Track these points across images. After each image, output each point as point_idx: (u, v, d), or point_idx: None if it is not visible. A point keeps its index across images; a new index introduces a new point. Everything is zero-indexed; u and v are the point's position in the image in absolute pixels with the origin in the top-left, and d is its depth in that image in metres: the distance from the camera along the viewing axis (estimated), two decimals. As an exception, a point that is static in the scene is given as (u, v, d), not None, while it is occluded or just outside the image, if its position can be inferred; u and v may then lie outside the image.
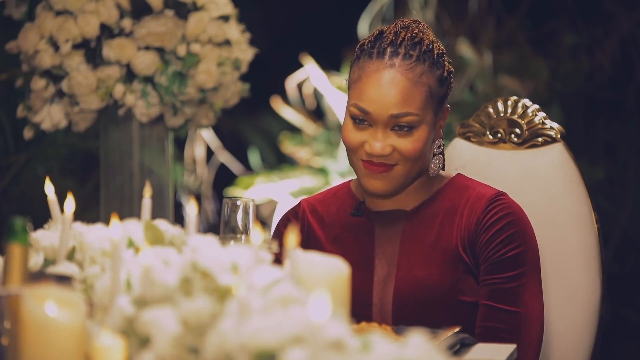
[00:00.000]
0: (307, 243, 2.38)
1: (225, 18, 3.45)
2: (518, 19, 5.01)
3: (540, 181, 2.55)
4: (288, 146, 5.05)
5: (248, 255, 1.51)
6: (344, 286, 1.60)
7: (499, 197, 2.30)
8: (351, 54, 5.02)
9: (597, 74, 4.80)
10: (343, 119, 2.33)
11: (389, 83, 2.25)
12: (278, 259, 2.17)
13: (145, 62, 3.34)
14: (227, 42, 3.45)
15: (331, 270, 1.59)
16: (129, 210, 3.44)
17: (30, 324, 1.35)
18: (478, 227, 2.28)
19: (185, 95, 3.40)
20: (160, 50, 3.37)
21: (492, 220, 2.27)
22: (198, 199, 5.28)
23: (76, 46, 3.35)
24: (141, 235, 1.76)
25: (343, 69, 4.94)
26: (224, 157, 5.39)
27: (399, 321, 2.26)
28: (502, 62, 4.93)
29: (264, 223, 4.89)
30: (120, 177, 3.48)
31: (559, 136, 2.56)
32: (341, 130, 2.32)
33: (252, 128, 5.49)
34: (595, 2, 4.83)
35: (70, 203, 1.76)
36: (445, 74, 2.31)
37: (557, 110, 4.68)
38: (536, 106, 2.60)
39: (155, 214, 2.23)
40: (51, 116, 3.40)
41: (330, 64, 4.98)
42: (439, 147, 2.33)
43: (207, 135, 5.33)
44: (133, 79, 3.37)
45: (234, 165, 5.40)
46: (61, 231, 1.76)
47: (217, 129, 5.26)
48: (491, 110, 2.62)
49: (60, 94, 3.39)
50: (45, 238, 1.80)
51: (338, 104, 4.90)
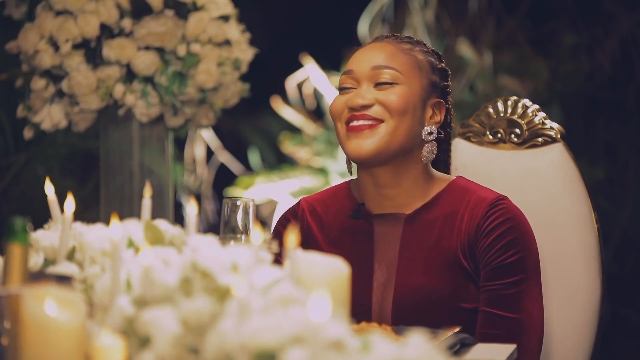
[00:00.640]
0: (306, 244, 2.37)
1: (225, 18, 3.45)
2: (518, 19, 5.01)
3: (540, 181, 2.55)
4: (288, 146, 5.05)
5: (248, 255, 1.51)
6: (344, 286, 1.60)
7: (500, 202, 2.29)
8: (351, 54, 5.03)
9: (597, 74, 4.80)
10: None
11: (375, 47, 2.34)
12: (277, 259, 2.17)
13: (145, 62, 3.34)
14: (227, 42, 3.45)
15: (331, 270, 1.59)
16: (129, 210, 3.44)
17: (30, 324, 1.35)
18: (478, 233, 2.27)
19: (185, 95, 3.40)
20: (160, 50, 3.37)
21: (492, 225, 2.26)
22: (198, 199, 5.28)
23: (76, 46, 3.35)
24: (141, 235, 1.76)
25: (343, 69, 4.94)
26: (224, 157, 5.39)
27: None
28: (502, 62, 4.93)
29: (264, 223, 4.89)
30: (120, 177, 3.48)
31: (559, 136, 2.56)
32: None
33: (252, 128, 5.50)
34: (595, 2, 4.83)
35: (70, 203, 1.76)
36: (438, 66, 2.36)
37: (557, 110, 4.68)
38: (536, 106, 2.60)
39: (155, 214, 2.23)
40: (51, 116, 3.40)
41: (330, 64, 4.98)
42: (430, 134, 2.31)
43: (207, 135, 5.33)
44: (133, 79, 3.37)
45: (234, 165, 5.40)
46: (61, 231, 1.76)
47: (217, 129, 5.27)
48: (491, 110, 2.62)
49: (60, 94, 3.39)
50: (45, 238, 1.80)
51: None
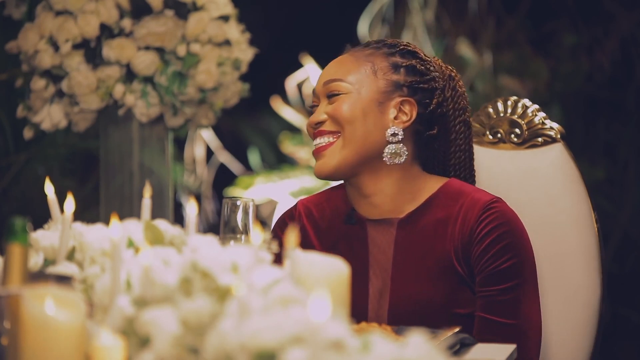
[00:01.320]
0: (302, 247, 2.37)
1: (225, 18, 3.45)
2: (518, 19, 5.01)
3: (540, 181, 2.55)
4: (288, 146, 5.05)
5: (248, 255, 1.51)
6: (344, 286, 1.60)
7: (493, 205, 2.27)
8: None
9: (597, 74, 4.80)
10: None
11: (334, 62, 2.36)
12: (276, 261, 2.17)
13: (145, 62, 3.34)
14: (227, 42, 3.45)
15: (331, 270, 1.59)
16: (129, 210, 3.44)
17: (30, 324, 1.35)
18: (472, 237, 2.25)
19: (185, 95, 3.40)
20: (160, 50, 3.37)
21: (486, 230, 2.24)
22: (198, 199, 5.28)
23: (76, 46, 3.35)
24: (141, 235, 1.76)
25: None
26: (224, 157, 5.39)
27: None
28: (502, 62, 4.93)
29: (264, 223, 4.89)
30: (120, 177, 3.48)
31: (559, 136, 2.56)
32: None
33: (252, 128, 5.50)
34: (595, 2, 4.83)
35: (70, 203, 1.76)
36: (404, 64, 2.33)
37: (557, 110, 4.68)
38: (536, 106, 2.60)
39: (155, 214, 2.23)
40: (51, 116, 3.40)
41: (330, 64, 4.97)
42: (394, 136, 2.29)
43: (207, 135, 5.33)
44: (133, 79, 3.37)
45: (234, 165, 5.40)
46: (61, 231, 1.76)
47: (217, 129, 5.27)
48: (491, 110, 2.62)
49: (60, 94, 3.39)
50: (45, 238, 1.80)
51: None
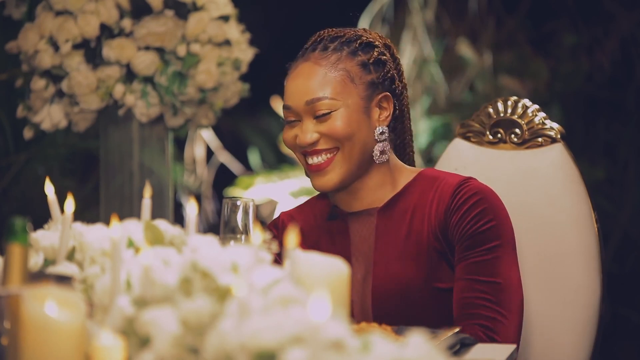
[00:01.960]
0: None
1: (225, 18, 3.45)
2: (518, 19, 5.01)
3: (540, 181, 2.55)
4: (288, 146, 5.04)
5: (248, 255, 1.51)
6: (344, 286, 1.60)
7: (465, 182, 2.31)
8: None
9: (597, 74, 4.80)
10: None
11: (303, 74, 2.32)
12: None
13: (145, 62, 3.34)
14: (227, 42, 3.45)
15: (331, 270, 1.59)
16: (129, 210, 3.44)
17: (30, 324, 1.35)
18: (447, 212, 2.28)
19: (185, 95, 3.40)
20: (160, 50, 3.37)
21: (460, 202, 2.28)
22: (198, 199, 5.28)
23: (76, 46, 3.35)
24: (141, 235, 1.76)
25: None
26: (224, 157, 5.39)
27: (379, 314, 2.28)
28: (502, 62, 4.93)
29: (264, 223, 4.89)
30: (120, 177, 3.48)
31: (559, 136, 2.56)
32: None
33: (252, 128, 5.49)
34: (595, 2, 4.83)
35: (70, 203, 1.76)
36: (370, 60, 2.33)
37: (557, 110, 4.68)
38: (536, 106, 2.60)
39: (155, 214, 2.23)
40: (51, 116, 3.40)
41: (330, 64, 4.97)
42: (382, 134, 2.32)
43: (207, 135, 5.33)
44: (133, 79, 3.37)
45: (234, 165, 5.40)
46: (61, 231, 1.76)
47: (217, 129, 5.27)
48: (491, 110, 2.62)
49: (60, 94, 3.39)
50: (45, 238, 1.80)
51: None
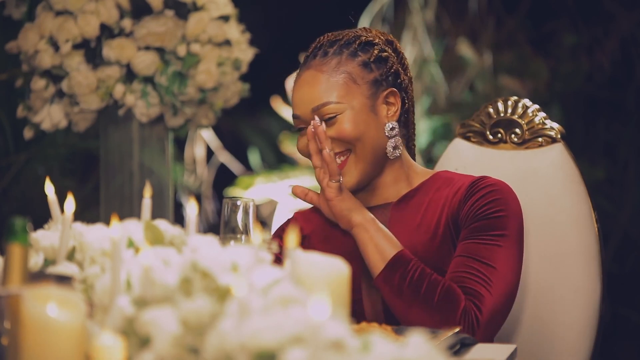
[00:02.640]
0: (300, 245, 2.40)
1: (225, 18, 3.45)
2: (518, 19, 5.01)
3: (540, 181, 2.55)
4: (288, 146, 5.05)
5: (248, 255, 1.51)
6: (344, 286, 1.60)
7: (483, 177, 2.32)
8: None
9: (597, 74, 4.80)
10: None
11: (307, 82, 2.34)
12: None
13: (145, 62, 3.34)
14: (227, 42, 3.46)
15: (331, 270, 1.59)
16: (129, 210, 3.44)
17: (30, 324, 1.35)
18: (461, 202, 2.30)
19: (185, 95, 3.40)
20: (160, 50, 3.37)
21: (476, 190, 2.29)
22: (198, 199, 5.28)
23: (76, 46, 3.35)
24: (141, 235, 1.76)
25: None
26: (224, 157, 5.39)
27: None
28: (502, 62, 4.93)
29: (264, 223, 4.89)
30: (120, 177, 3.48)
31: (559, 136, 2.56)
32: None
33: (252, 128, 5.50)
34: (595, 2, 4.83)
35: (70, 203, 1.76)
36: (371, 59, 2.35)
37: (557, 110, 4.68)
38: (536, 106, 2.60)
39: (155, 214, 2.23)
40: (51, 116, 3.40)
41: (330, 64, 4.97)
42: (392, 130, 2.33)
43: (207, 135, 5.33)
44: (133, 79, 3.37)
45: (234, 165, 5.40)
46: (61, 231, 1.76)
47: (217, 129, 5.27)
48: (491, 110, 2.62)
49: (60, 94, 3.39)
50: (45, 238, 1.80)
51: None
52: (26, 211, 3.44)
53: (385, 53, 2.37)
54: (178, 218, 4.48)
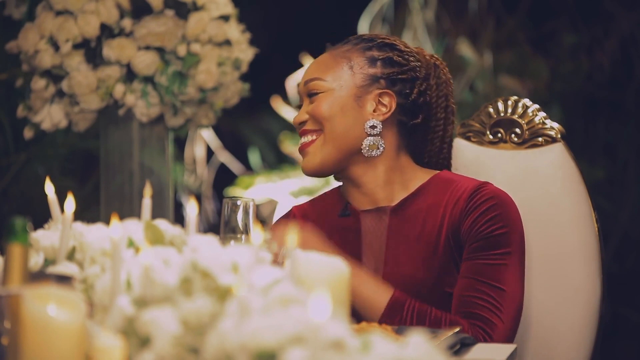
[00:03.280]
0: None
1: (225, 18, 3.45)
2: (518, 19, 5.01)
3: (540, 181, 2.55)
4: (288, 146, 5.05)
5: (248, 255, 1.51)
6: (344, 286, 1.60)
7: (482, 186, 2.30)
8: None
9: (597, 74, 4.80)
10: None
11: (315, 61, 2.40)
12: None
13: (145, 62, 3.34)
14: (227, 42, 3.45)
15: (331, 270, 1.59)
16: (129, 210, 3.44)
17: (30, 324, 1.35)
18: (462, 215, 2.28)
19: (185, 95, 3.40)
20: (160, 50, 3.37)
21: (476, 205, 2.28)
22: (198, 199, 5.28)
23: (76, 46, 3.35)
24: (141, 235, 1.76)
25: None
26: (224, 157, 5.39)
27: None
28: (502, 62, 4.93)
29: (264, 223, 4.89)
30: (120, 177, 3.48)
31: (559, 136, 2.56)
32: None
33: (252, 128, 5.49)
34: (595, 2, 4.83)
35: (70, 203, 1.76)
36: (380, 57, 2.34)
37: (557, 110, 4.68)
38: (536, 106, 2.60)
39: (155, 214, 2.23)
40: (51, 116, 3.40)
41: (330, 64, 4.96)
42: (373, 128, 2.32)
43: (207, 135, 5.33)
44: (133, 79, 3.37)
45: (234, 165, 5.40)
46: (61, 231, 1.76)
47: (217, 129, 5.26)
48: (491, 110, 2.62)
49: (60, 94, 3.39)
50: (45, 238, 1.80)
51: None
52: (26, 211, 3.44)
53: (402, 60, 2.36)
54: (178, 218, 4.48)
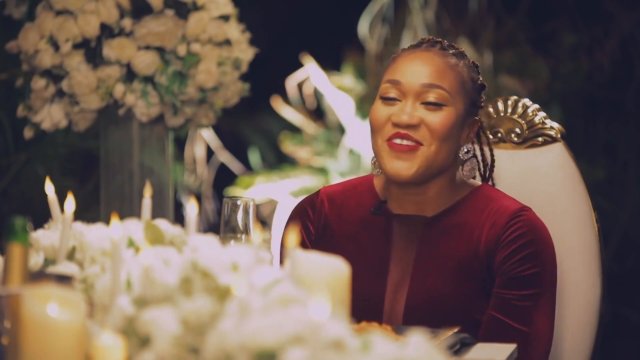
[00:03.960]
0: (322, 237, 2.35)
1: (225, 18, 3.45)
2: (518, 19, 5.00)
3: (540, 181, 2.55)
4: (288, 146, 5.05)
5: (248, 255, 1.51)
6: (344, 286, 1.60)
7: (522, 213, 2.27)
8: (351, 54, 5.03)
9: (597, 74, 4.80)
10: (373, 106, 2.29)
11: (424, 59, 2.26)
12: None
13: (145, 62, 3.34)
14: (227, 42, 3.45)
15: (331, 270, 1.59)
16: (129, 210, 3.43)
17: (30, 324, 1.35)
18: (497, 244, 2.24)
19: (185, 95, 3.40)
20: (160, 50, 3.37)
21: (512, 237, 2.24)
22: (198, 199, 5.28)
23: (76, 46, 3.35)
24: (141, 235, 1.76)
25: (343, 69, 4.95)
26: (224, 157, 5.39)
27: (409, 324, 2.22)
28: (502, 62, 4.93)
29: (264, 223, 4.89)
30: (120, 177, 3.48)
31: (559, 136, 2.56)
32: (370, 113, 2.28)
33: (252, 128, 5.49)
34: (595, 2, 4.83)
35: (70, 203, 1.76)
36: (478, 80, 2.32)
37: (557, 110, 4.68)
38: (536, 106, 2.60)
39: (155, 214, 2.23)
40: (51, 116, 3.40)
41: (330, 64, 4.97)
42: (468, 153, 2.30)
43: (207, 135, 5.33)
44: (133, 79, 3.37)
45: (234, 165, 5.40)
46: (61, 231, 1.76)
47: (217, 129, 5.26)
48: (491, 110, 2.62)
49: (60, 94, 3.39)
50: (45, 238, 1.80)
51: (338, 104, 4.90)
52: (26, 211, 3.43)
53: (485, 86, 2.35)
54: (178, 218, 4.48)
